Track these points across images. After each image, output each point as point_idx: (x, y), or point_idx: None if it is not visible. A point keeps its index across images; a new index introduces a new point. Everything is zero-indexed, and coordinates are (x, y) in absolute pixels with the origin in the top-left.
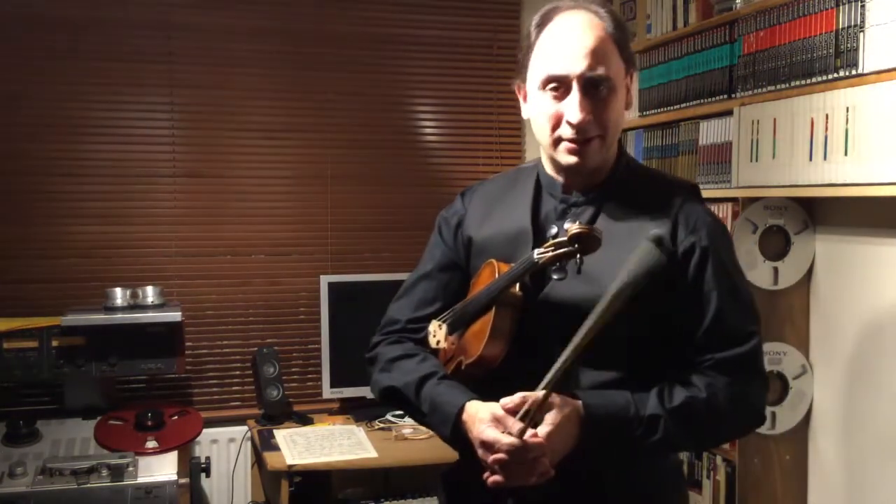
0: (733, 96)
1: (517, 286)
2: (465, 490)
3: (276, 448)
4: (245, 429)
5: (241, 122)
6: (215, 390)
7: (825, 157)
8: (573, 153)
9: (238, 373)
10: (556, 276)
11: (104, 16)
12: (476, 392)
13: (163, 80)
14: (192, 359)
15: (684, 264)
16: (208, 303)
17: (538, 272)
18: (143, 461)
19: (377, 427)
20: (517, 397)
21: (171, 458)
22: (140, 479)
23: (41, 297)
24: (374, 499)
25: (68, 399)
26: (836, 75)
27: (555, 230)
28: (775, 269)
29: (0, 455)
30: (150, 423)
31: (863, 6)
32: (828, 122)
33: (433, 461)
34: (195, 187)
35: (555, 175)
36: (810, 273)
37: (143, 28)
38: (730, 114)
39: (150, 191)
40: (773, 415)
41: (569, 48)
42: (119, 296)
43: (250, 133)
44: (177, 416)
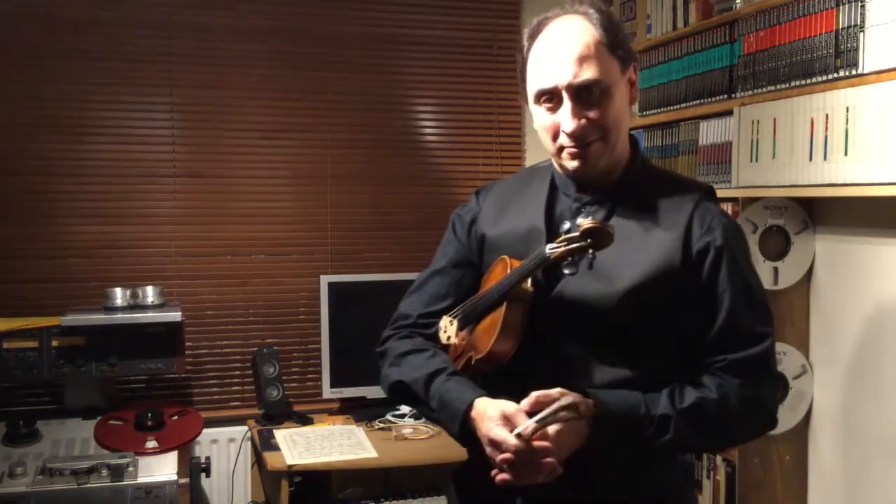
0: (733, 96)
1: (528, 282)
2: (475, 488)
3: (276, 448)
4: (245, 429)
5: (241, 122)
6: (215, 390)
7: (825, 157)
8: (575, 158)
9: (238, 373)
10: (567, 271)
11: (104, 16)
12: (486, 388)
13: (163, 80)
14: (192, 359)
15: (698, 264)
16: (208, 303)
17: (550, 268)
18: (143, 461)
19: (377, 427)
20: (533, 397)
21: (171, 458)
22: (140, 479)
23: (41, 297)
24: (374, 499)
25: (68, 399)
26: (836, 75)
27: (567, 225)
28: (775, 269)
29: (0, 455)
30: (150, 423)
31: (863, 6)
32: (828, 122)
33: (433, 461)
34: (195, 187)
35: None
36: (810, 273)
37: (143, 28)
38: (730, 114)
39: (150, 191)
40: None
41: (553, 60)
42: (119, 296)
43: (250, 133)
44: (177, 416)
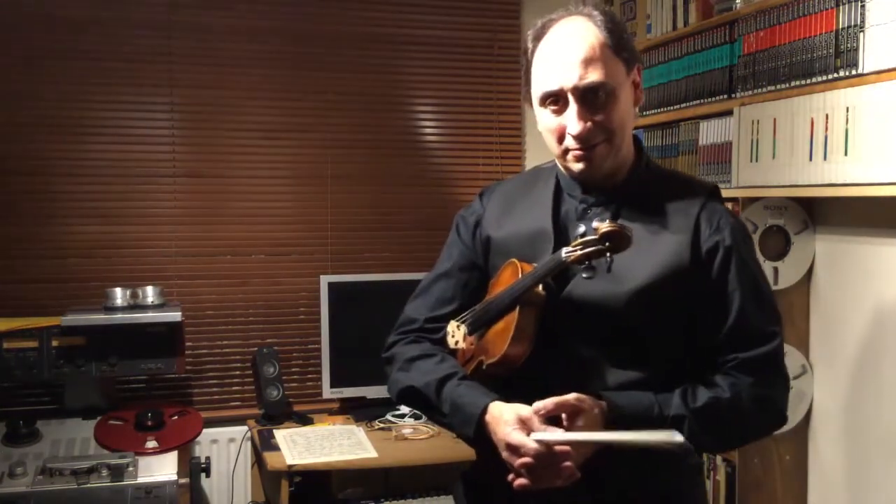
0: (733, 96)
1: (541, 286)
2: (486, 490)
3: (276, 448)
4: (245, 429)
5: (241, 122)
6: (215, 390)
7: (825, 157)
8: (580, 160)
9: (238, 373)
10: (584, 274)
11: (104, 16)
12: (496, 392)
13: (163, 80)
14: (192, 359)
15: (708, 263)
16: (208, 303)
17: (562, 271)
18: (143, 461)
19: (377, 427)
20: (550, 403)
21: (171, 458)
22: (140, 479)
23: (41, 297)
24: (374, 499)
25: (68, 399)
26: (836, 75)
27: (582, 228)
28: (775, 269)
29: (0, 455)
30: (150, 423)
31: (863, 6)
32: (828, 122)
33: (433, 461)
34: (195, 187)
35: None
36: (810, 273)
37: (143, 28)
38: (730, 114)
39: (150, 191)
40: None
41: (559, 62)
42: (119, 296)
43: (250, 133)
44: (177, 416)
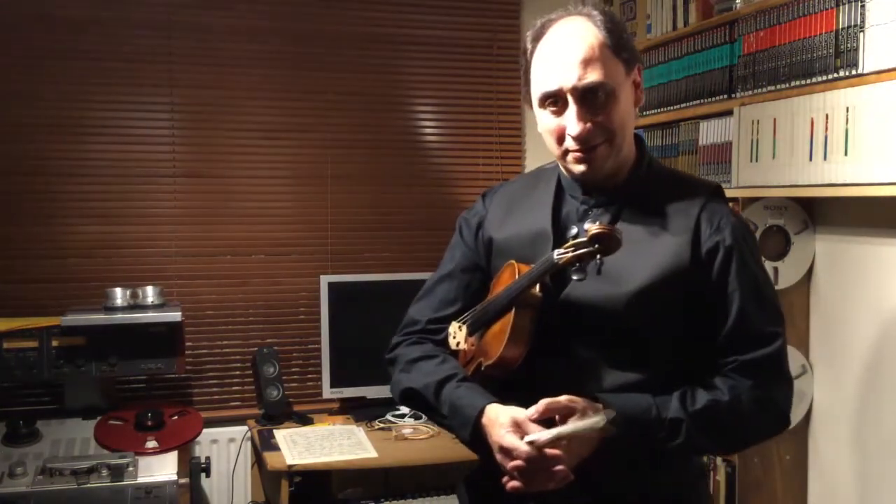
0: (733, 96)
1: (537, 287)
2: (489, 493)
3: (276, 448)
4: (245, 429)
5: (241, 122)
6: (215, 390)
7: (825, 157)
8: (580, 162)
9: (238, 373)
10: (575, 276)
11: (104, 16)
12: (496, 394)
13: (163, 80)
14: (192, 359)
15: (708, 264)
16: (208, 303)
17: (558, 273)
18: (143, 461)
19: (377, 427)
20: (541, 405)
21: (171, 458)
22: (140, 479)
23: (41, 297)
24: (374, 499)
25: (68, 399)
26: (836, 75)
27: (575, 231)
28: (775, 269)
29: (0, 455)
30: (150, 423)
31: (863, 6)
32: (828, 122)
33: (433, 461)
34: (195, 187)
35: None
36: (810, 273)
37: (143, 28)
38: (730, 114)
39: (150, 191)
40: None
41: (558, 62)
42: (119, 296)
43: (250, 133)
44: (177, 416)
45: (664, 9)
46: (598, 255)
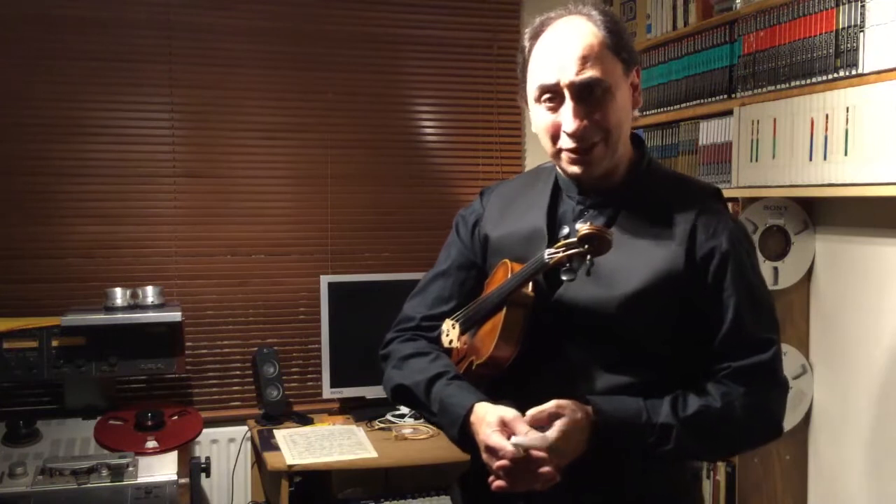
0: (733, 96)
1: (529, 286)
2: (481, 493)
3: (276, 448)
4: (245, 429)
5: (241, 122)
6: (215, 390)
7: (825, 157)
8: (575, 163)
9: (238, 373)
10: (565, 276)
11: (104, 16)
12: (488, 392)
13: (163, 80)
14: (192, 359)
15: (703, 270)
16: (208, 303)
17: (551, 272)
18: (143, 461)
19: (377, 427)
20: (528, 417)
21: (171, 458)
22: (140, 479)
23: (41, 297)
24: (374, 499)
25: (68, 399)
26: (836, 75)
27: (566, 230)
28: (775, 269)
29: (0, 455)
30: (150, 423)
31: (863, 6)
32: (828, 122)
33: (433, 461)
34: (195, 187)
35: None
36: (810, 273)
37: (143, 28)
38: (730, 114)
39: (150, 191)
40: None
41: (556, 57)
42: (119, 296)
43: (250, 133)
44: (177, 416)
45: (664, 9)
46: (588, 256)
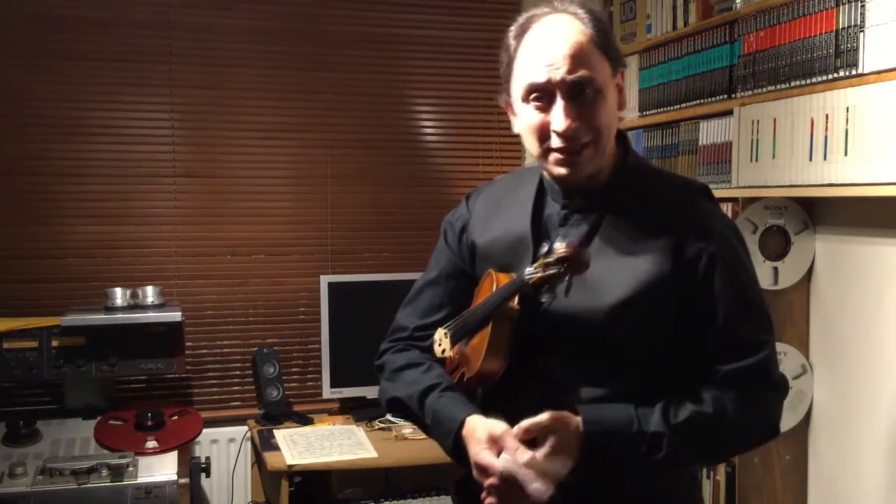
0: (733, 96)
1: (515, 299)
2: (477, 497)
3: (276, 448)
4: (245, 429)
5: (241, 122)
6: (215, 390)
7: (825, 157)
8: (563, 164)
9: (238, 373)
10: (544, 298)
11: (104, 16)
12: (483, 402)
13: (163, 80)
14: (192, 359)
15: (691, 271)
16: (208, 303)
17: (532, 289)
18: (143, 461)
19: (377, 427)
20: (520, 430)
21: (171, 458)
22: (140, 479)
23: (41, 297)
24: (374, 499)
25: (68, 399)
26: (836, 75)
27: (545, 248)
28: (775, 269)
29: (0, 455)
30: (150, 423)
31: (863, 6)
32: (828, 122)
33: (433, 461)
34: (195, 187)
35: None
36: (810, 273)
37: (143, 28)
38: (730, 114)
39: (150, 191)
40: None
41: (546, 55)
42: (119, 296)
43: (250, 133)
44: (177, 416)
45: (664, 9)
46: (566, 276)
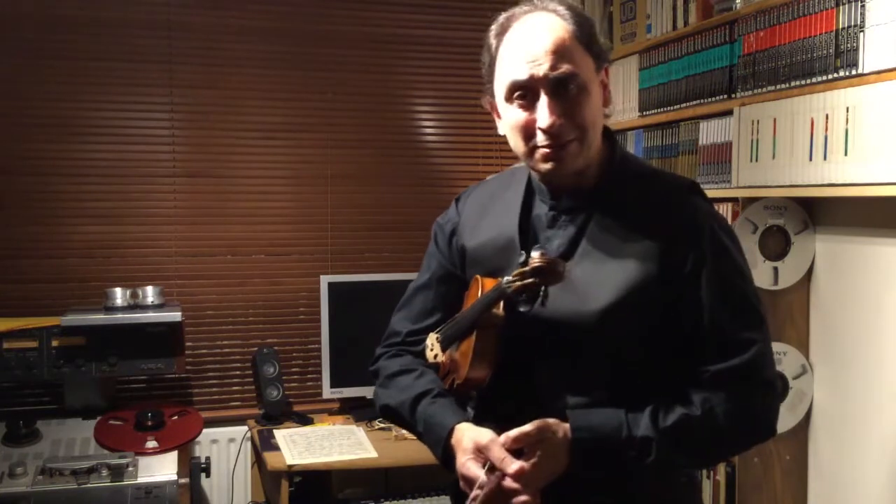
0: (733, 96)
1: (500, 306)
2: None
3: (276, 448)
4: (245, 429)
5: (241, 122)
6: (215, 390)
7: (825, 157)
8: (549, 159)
9: (238, 373)
10: (522, 308)
11: (104, 16)
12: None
13: (162, 80)
14: (192, 359)
15: (678, 271)
16: (208, 303)
17: (514, 295)
18: (143, 461)
19: (377, 427)
20: (508, 440)
21: (171, 458)
22: (140, 479)
23: (41, 297)
24: (374, 499)
25: (68, 399)
26: (836, 75)
27: (522, 257)
28: (775, 269)
29: (0, 455)
30: (150, 423)
31: (863, 6)
32: (828, 122)
33: (433, 461)
34: (195, 187)
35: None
36: (810, 273)
37: (143, 28)
38: (730, 114)
39: (150, 191)
40: None
41: (529, 52)
42: (119, 296)
43: (250, 133)
44: (177, 416)
45: (664, 9)
46: (542, 287)
